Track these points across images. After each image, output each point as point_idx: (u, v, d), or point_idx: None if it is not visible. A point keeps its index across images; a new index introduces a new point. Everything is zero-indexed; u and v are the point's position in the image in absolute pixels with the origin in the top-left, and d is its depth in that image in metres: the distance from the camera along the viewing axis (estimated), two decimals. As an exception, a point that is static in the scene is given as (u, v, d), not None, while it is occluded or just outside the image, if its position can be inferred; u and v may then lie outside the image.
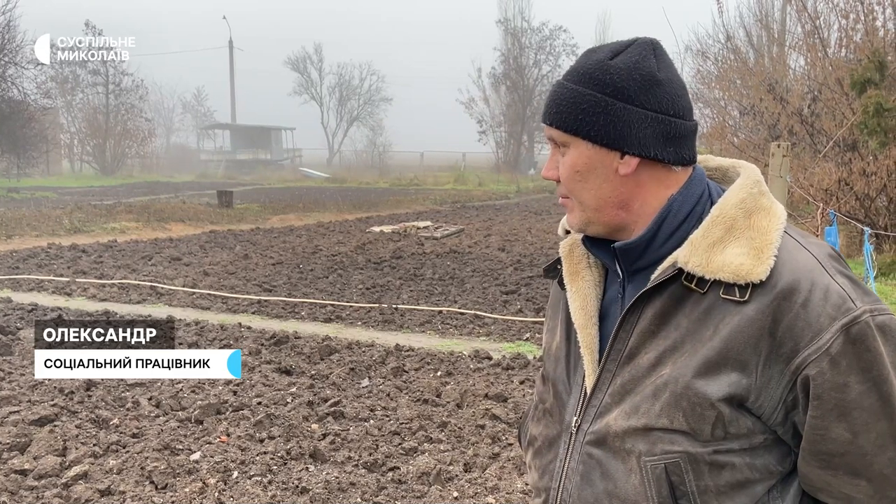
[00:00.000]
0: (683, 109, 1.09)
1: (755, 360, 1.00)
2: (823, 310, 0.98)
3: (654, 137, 1.07)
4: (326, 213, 19.33)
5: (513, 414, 4.67)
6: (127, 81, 43.18)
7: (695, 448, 1.03)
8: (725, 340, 1.01)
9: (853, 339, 0.98)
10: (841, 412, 0.99)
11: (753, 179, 1.10)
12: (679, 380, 1.03)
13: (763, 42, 20.14)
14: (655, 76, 1.07)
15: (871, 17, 12.19)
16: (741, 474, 1.04)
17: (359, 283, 9.30)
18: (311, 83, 58.28)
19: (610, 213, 1.12)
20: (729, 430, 1.02)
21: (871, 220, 10.83)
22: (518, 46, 46.45)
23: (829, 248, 1.07)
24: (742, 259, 1.02)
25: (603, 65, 1.08)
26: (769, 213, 1.06)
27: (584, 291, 1.19)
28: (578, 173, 1.11)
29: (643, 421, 1.05)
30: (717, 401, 1.01)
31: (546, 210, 20.95)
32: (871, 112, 6.91)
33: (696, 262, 1.03)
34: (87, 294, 8.64)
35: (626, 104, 1.06)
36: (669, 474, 1.04)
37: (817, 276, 1.01)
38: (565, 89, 1.10)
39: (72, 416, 4.61)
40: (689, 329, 1.04)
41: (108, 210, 18.25)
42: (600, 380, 1.12)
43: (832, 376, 0.98)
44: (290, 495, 3.61)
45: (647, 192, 1.10)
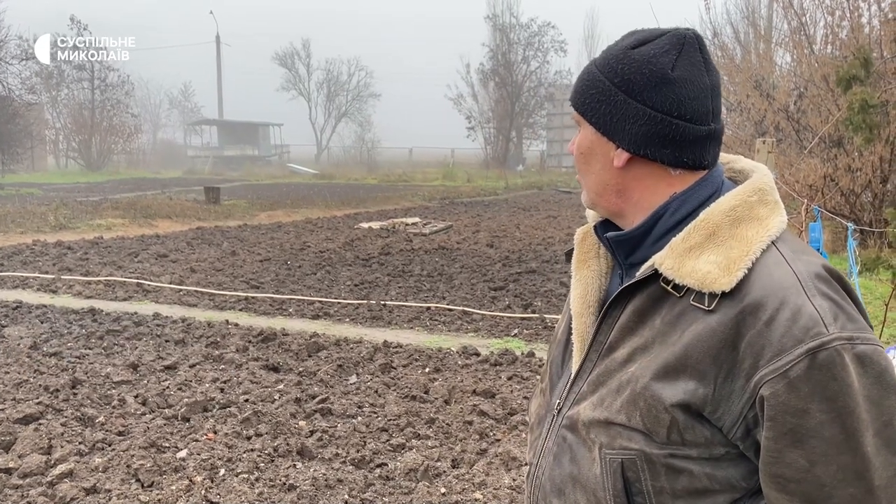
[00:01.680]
0: (694, 112, 1.04)
1: (714, 371, 0.98)
2: (789, 330, 0.94)
3: (649, 136, 1.05)
4: (314, 209, 19.27)
5: (500, 410, 4.68)
6: (113, 77, 42.94)
7: (651, 449, 1.02)
8: (686, 347, 0.99)
9: (819, 365, 0.92)
10: (797, 438, 0.94)
11: (754, 187, 1.06)
12: (639, 379, 1.03)
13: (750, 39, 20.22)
14: (667, 74, 1.03)
15: (857, 14, 12.27)
16: (699, 483, 1.02)
17: (347, 280, 9.29)
18: (298, 79, 58.14)
19: (609, 199, 1.12)
20: (685, 436, 1.00)
21: (857, 215, 10.92)
22: (506, 42, 46.45)
23: (821, 268, 1.01)
24: (711, 267, 1.00)
25: (623, 53, 1.07)
26: (760, 224, 1.03)
27: (587, 280, 1.20)
28: (583, 155, 1.13)
29: (605, 414, 1.06)
30: (670, 406, 1.00)
31: (534, 206, 20.99)
32: (856, 108, 6.94)
33: (668, 265, 1.03)
34: (72, 291, 8.58)
35: (628, 97, 1.05)
36: (625, 470, 1.04)
37: (791, 294, 0.96)
38: (588, 71, 1.11)
39: (57, 414, 4.58)
40: (661, 330, 1.03)
41: (93, 206, 18.12)
42: (582, 368, 1.14)
43: (788, 399, 0.93)
44: (278, 492, 3.61)
45: (644, 187, 1.09)
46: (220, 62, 55.62)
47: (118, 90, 43.33)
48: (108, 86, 42.97)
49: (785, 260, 1.00)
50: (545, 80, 47.23)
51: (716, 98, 1.07)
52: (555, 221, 16.74)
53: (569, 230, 14.83)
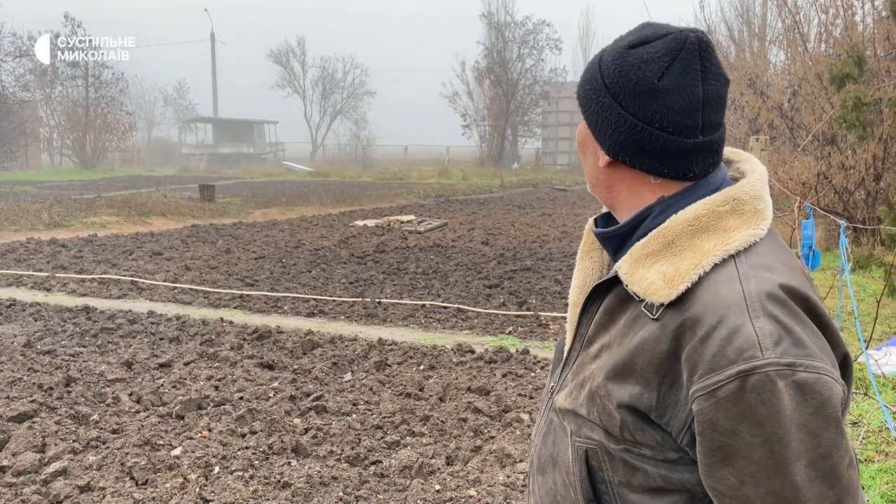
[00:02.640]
0: (678, 125, 1.00)
1: (658, 379, 0.98)
2: (722, 350, 0.92)
3: (628, 144, 1.03)
4: (309, 207, 19.25)
5: (495, 407, 4.69)
6: (107, 74, 42.78)
7: (609, 443, 1.05)
8: (632, 352, 1.01)
9: (749, 388, 0.90)
10: (726, 456, 0.93)
11: (729, 196, 1.02)
12: (595, 377, 1.06)
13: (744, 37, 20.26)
14: (653, 84, 1.00)
15: (851, 13, 12.30)
16: (654, 482, 1.02)
17: (342, 278, 9.29)
18: (294, 76, 58.02)
19: (600, 191, 1.14)
20: (636, 436, 1.02)
21: (850, 213, 10.95)
22: (502, 40, 46.43)
23: (777, 288, 0.96)
24: (656, 277, 1.00)
25: (622, 52, 1.04)
26: (723, 235, 1.00)
27: (586, 271, 1.22)
28: (580, 145, 1.15)
29: (572, 405, 1.10)
30: (617, 406, 1.01)
31: (529, 204, 21.00)
32: (849, 106, 6.97)
33: (624, 270, 1.05)
34: (66, 289, 8.56)
35: (613, 101, 1.03)
36: (589, 458, 1.08)
37: (731, 314, 0.93)
38: (593, 63, 1.10)
39: (51, 412, 4.57)
40: (621, 331, 1.05)
41: (88, 204, 18.07)
42: (569, 356, 1.18)
43: (715, 417, 0.92)
44: (272, 490, 3.61)
45: (628, 189, 1.09)
46: (214, 60, 55.51)
47: (112, 88, 43.20)
48: (103, 83, 42.83)
49: (738, 276, 0.97)
50: (540, 78, 47.24)
51: (710, 110, 1.02)
52: (550, 219, 16.75)
53: (563, 228, 14.85)
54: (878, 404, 3.98)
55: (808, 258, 3.45)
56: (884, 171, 10.86)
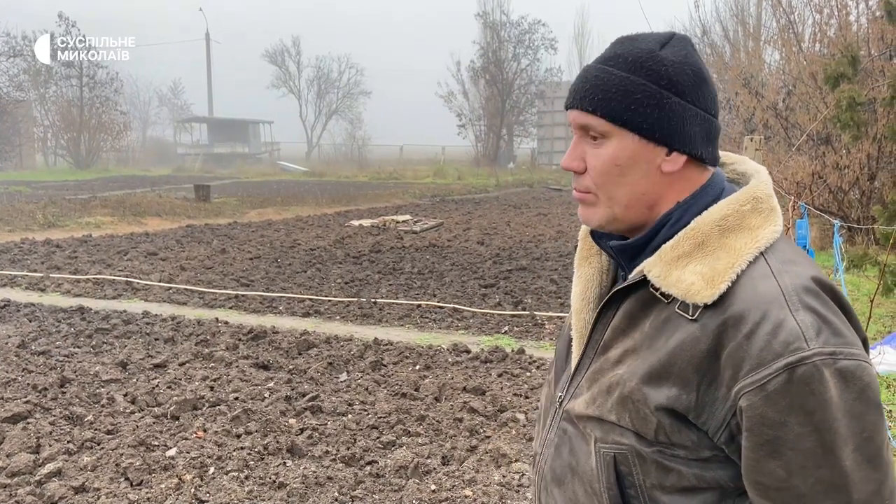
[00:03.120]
0: (717, 108, 1.08)
1: (697, 379, 0.98)
2: (769, 345, 0.94)
3: (701, 135, 1.05)
4: (305, 207, 19.22)
5: (491, 407, 4.69)
6: (101, 74, 42.66)
7: (641, 446, 1.04)
8: (670, 354, 1.00)
9: (797, 380, 0.92)
10: (774, 449, 0.95)
11: (749, 195, 1.05)
12: (627, 382, 1.04)
13: (739, 37, 20.31)
14: (703, 73, 1.05)
15: (845, 13, 12.34)
16: (688, 481, 1.03)
17: (337, 278, 9.28)
18: (289, 76, 57.94)
19: (638, 212, 1.08)
20: (672, 438, 1.02)
21: (845, 212, 10.99)
22: (497, 40, 46.43)
23: (809, 280, 0.99)
24: (695, 279, 1.00)
25: (655, 55, 1.03)
26: (751, 234, 1.02)
27: (587, 277, 1.20)
28: (618, 167, 1.05)
29: (597, 412, 1.09)
30: (655, 410, 1.01)
31: (525, 204, 21.01)
32: (844, 106, 6.99)
33: (656, 273, 1.04)
34: (61, 289, 8.54)
35: (681, 99, 1.03)
36: (618, 464, 1.06)
37: (773, 308, 0.95)
38: (612, 75, 1.03)
39: (45, 413, 4.56)
40: (649, 334, 1.04)
41: (82, 204, 18.02)
42: (581, 363, 1.16)
43: (765, 412, 0.94)
44: (268, 490, 3.61)
45: (674, 192, 1.07)
46: (209, 59, 55.41)
47: (107, 87, 43.07)
48: (97, 83, 42.70)
49: (772, 272, 0.99)
50: (536, 77, 47.25)
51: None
52: (545, 219, 16.76)
53: (559, 228, 14.87)
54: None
55: (802, 257, 3.49)
56: (878, 171, 10.90)
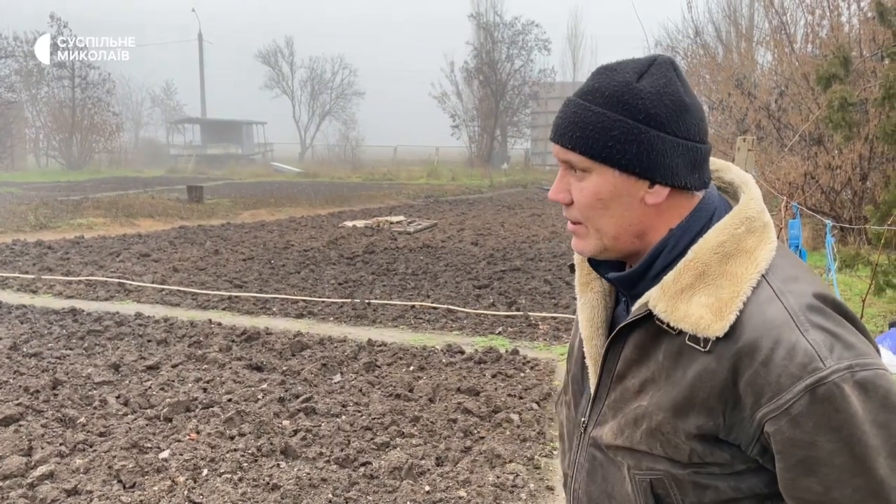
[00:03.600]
0: (704, 133, 1.07)
1: (721, 406, 1.00)
2: (786, 369, 0.95)
3: (684, 166, 1.04)
4: (298, 207, 19.19)
5: (485, 408, 4.69)
6: (93, 75, 42.48)
7: (676, 470, 1.05)
8: (691, 387, 1.01)
9: (820, 399, 0.93)
10: (808, 467, 0.96)
11: (742, 216, 1.05)
12: (654, 416, 1.05)
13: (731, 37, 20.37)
14: (684, 101, 1.03)
15: (837, 13, 12.40)
16: (725, 495, 1.05)
17: (331, 279, 9.26)
18: (282, 77, 57.80)
19: (627, 241, 1.10)
20: (706, 459, 1.03)
21: (837, 213, 11.04)
22: (490, 41, 46.45)
23: (812, 297, 1.00)
24: (703, 311, 1.00)
25: (631, 87, 1.03)
26: (749, 258, 1.02)
27: (592, 303, 1.20)
28: (601, 201, 1.06)
29: (627, 443, 1.10)
30: (686, 439, 1.03)
31: (519, 204, 21.03)
32: (835, 106, 7.02)
33: (662, 308, 1.04)
34: (53, 291, 8.50)
35: (659, 132, 1.02)
36: (655, 488, 1.07)
37: (784, 332, 0.96)
38: (590, 112, 1.04)
39: (37, 416, 4.53)
40: (664, 365, 1.05)
41: (74, 205, 17.94)
42: (599, 391, 1.17)
43: (793, 434, 0.95)
44: (261, 492, 3.59)
45: (663, 221, 1.08)
46: (202, 60, 55.25)
47: (99, 88, 42.89)
48: (89, 84, 42.52)
49: (776, 294, 1.00)
50: (529, 78, 47.28)
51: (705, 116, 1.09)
52: (539, 219, 16.78)
53: (553, 228, 14.88)
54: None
55: (795, 257, 3.50)
56: (870, 171, 10.95)
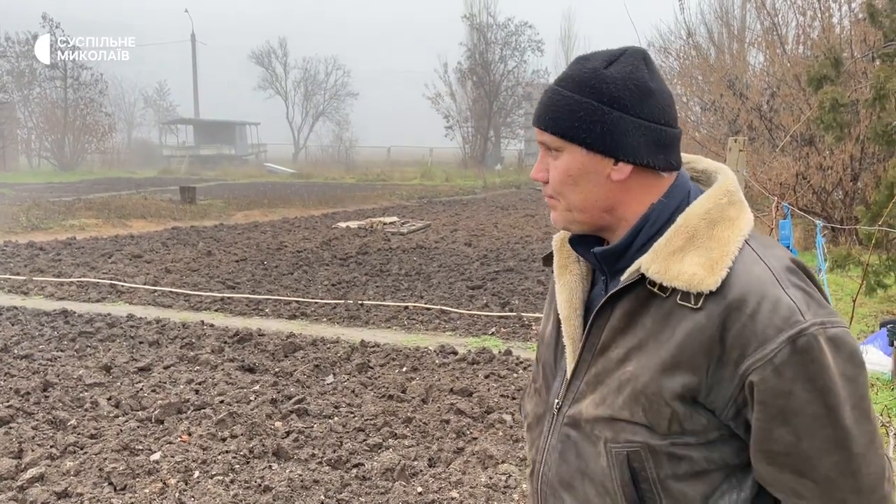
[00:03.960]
0: (671, 118, 1.14)
1: (706, 362, 1.06)
2: (771, 321, 1.03)
3: (647, 145, 1.12)
4: (292, 208, 19.15)
5: (478, 408, 4.69)
6: (86, 75, 42.31)
7: (654, 440, 1.11)
8: (680, 344, 1.07)
9: (799, 350, 1.02)
10: (784, 417, 1.03)
11: (724, 189, 1.14)
12: (639, 378, 1.10)
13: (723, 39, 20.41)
14: (648, 86, 1.11)
15: (828, 15, 12.45)
16: (699, 466, 1.11)
17: (324, 280, 9.25)
18: (275, 78, 57.64)
19: (595, 216, 1.18)
20: (685, 426, 1.09)
21: (828, 213, 11.08)
22: (484, 42, 46.42)
23: (789, 261, 1.10)
24: (696, 269, 1.07)
25: (599, 73, 1.12)
26: (733, 224, 1.11)
27: (570, 285, 1.26)
28: (571, 177, 1.16)
29: (608, 412, 1.14)
30: (670, 399, 1.08)
31: (512, 205, 21.04)
32: (827, 107, 7.04)
33: (655, 269, 1.10)
34: (44, 293, 8.46)
35: (622, 113, 1.11)
36: (631, 461, 1.12)
37: (769, 288, 1.05)
38: (561, 95, 1.14)
39: (28, 418, 4.51)
40: (652, 330, 1.11)
41: (66, 206, 17.86)
42: (578, 368, 1.20)
43: (775, 384, 1.02)
44: (253, 494, 3.58)
45: (632, 198, 1.15)
46: (195, 61, 55.10)
47: (91, 89, 42.72)
48: (82, 84, 42.36)
49: (759, 257, 1.09)
50: (523, 79, 47.28)
51: (674, 103, 1.18)
52: (532, 220, 16.79)
53: (547, 229, 14.89)
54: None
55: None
56: (861, 172, 11.00)
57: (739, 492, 1.12)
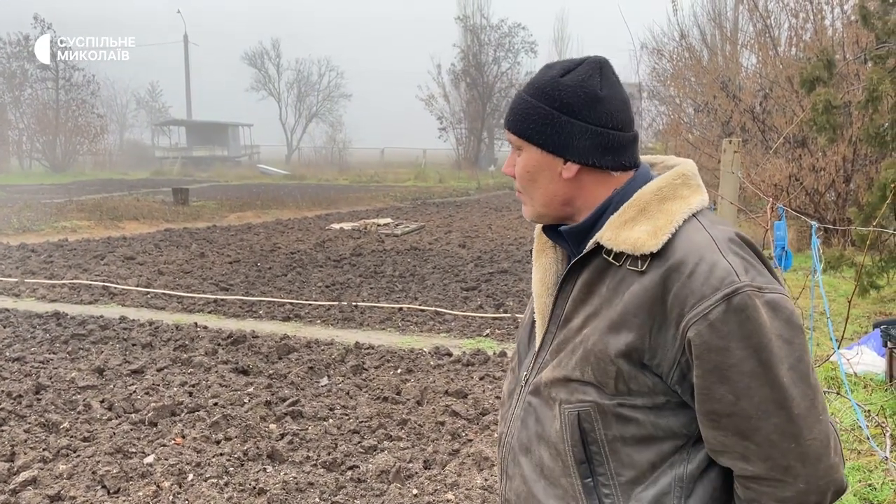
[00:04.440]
0: (622, 122, 1.23)
1: (650, 322, 1.13)
2: (707, 281, 1.10)
3: (594, 147, 1.22)
4: (285, 210, 19.11)
5: (473, 410, 4.68)
6: (78, 76, 42.12)
7: (602, 399, 1.17)
8: (625, 304, 1.15)
9: (734, 307, 1.08)
10: (722, 374, 1.09)
11: (678, 173, 1.24)
12: (590, 338, 1.19)
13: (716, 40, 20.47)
14: (597, 94, 1.21)
15: (820, 17, 12.51)
16: (645, 430, 1.17)
17: (318, 281, 9.23)
18: (268, 79, 57.51)
19: (556, 209, 1.28)
20: (630, 385, 1.15)
21: (821, 214, 11.12)
22: (477, 43, 46.47)
23: (734, 234, 1.18)
24: (641, 234, 1.16)
25: (554, 81, 1.23)
26: (683, 201, 1.20)
27: (545, 266, 1.36)
28: (529, 173, 1.27)
29: (563, 373, 1.22)
30: (615, 357, 1.15)
31: (506, 206, 21.05)
32: (819, 109, 7.06)
33: (607, 237, 1.19)
34: (36, 295, 8.41)
35: (570, 118, 1.21)
36: (581, 421, 1.19)
37: (707, 253, 1.12)
38: (522, 100, 1.26)
39: (20, 421, 4.48)
40: (606, 297, 1.19)
41: (58, 208, 17.77)
42: (544, 340, 1.30)
43: (710, 339, 1.08)
44: (248, 497, 3.56)
45: (587, 192, 1.26)
46: (188, 62, 54.98)
47: (83, 90, 42.52)
48: (73, 85, 42.16)
49: (703, 227, 1.18)
50: (516, 81, 47.27)
51: (630, 109, 1.27)
52: (526, 222, 16.74)
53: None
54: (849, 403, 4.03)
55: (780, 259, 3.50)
56: (853, 173, 11.05)
57: (688, 464, 1.17)
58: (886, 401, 4.61)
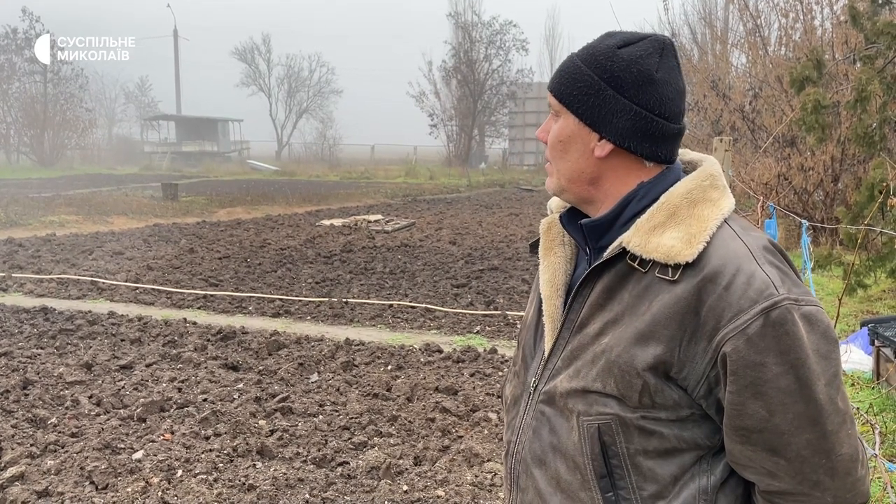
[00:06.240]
0: (671, 112, 1.15)
1: (680, 335, 1.07)
2: (745, 293, 1.04)
3: (633, 130, 1.14)
4: (275, 206, 19.05)
5: (463, 407, 4.68)
6: (66, 70, 41.79)
7: (625, 412, 1.11)
8: (655, 315, 1.09)
9: (772, 322, 1.03)
10: (757, 390, 1.04)
11: (707, 173, 1.17)
12: (614, 349, 1.12)
13: (707, 40, 20.55)
14: (652, 75, 1.13)
15: (810, 17, 12.58)
16: (669, 443, 1.11)
17: (308, 278, 9.20)
18: (259, 74, 57.30)
19: (580, 186, 1.20)
20: (655, 399, 1.09)
21: (809, 213, 11.19)
22: (469, 40, 46.44)
23: (767, 241, 1.12)
24: (674, 242, 1.10)
25: (610, 51, 1.14)
26: (714, 205, 1.14)
27: (554, 266, 1.28)
28: (561, 143, 1.19)
29: (582, 384, 1.15)
30: (642, 370, 1.09)
31: (497, 204, 21.06)
32: (808, 109, 7.10)
33: (636, 243, 1.12)
34: (23, 289, 8.35)
35: (617, 93, 1.13)
36: (602, 434, 1.13)
37: (744, 263, 1.07)
38: (572, 64, 1.18)
39: (7, 416, 4.45)
40: (630, 304, 1.12)
41: (46, 203, 17.65)
42: (556, 345, 1.22)
43: (748, 354, 1.03)
44: (237, 493, 3.55)
45: (615, 177, 1.18)
46: (177, 56, 54.67)
47: (71, 84, 42.21)
48: (62, 79, 41.83)
49: (737, 235, 1.11)
50: (507, 78, 47.34)
51: (684, 100, 1.19)
52: (517, 219, 16.82)
53: (531, 228, 14.92)
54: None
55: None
56: (842, 173, 11.12)
57: (710, 476, 1.13)
58: (874, 398, 4.64)
